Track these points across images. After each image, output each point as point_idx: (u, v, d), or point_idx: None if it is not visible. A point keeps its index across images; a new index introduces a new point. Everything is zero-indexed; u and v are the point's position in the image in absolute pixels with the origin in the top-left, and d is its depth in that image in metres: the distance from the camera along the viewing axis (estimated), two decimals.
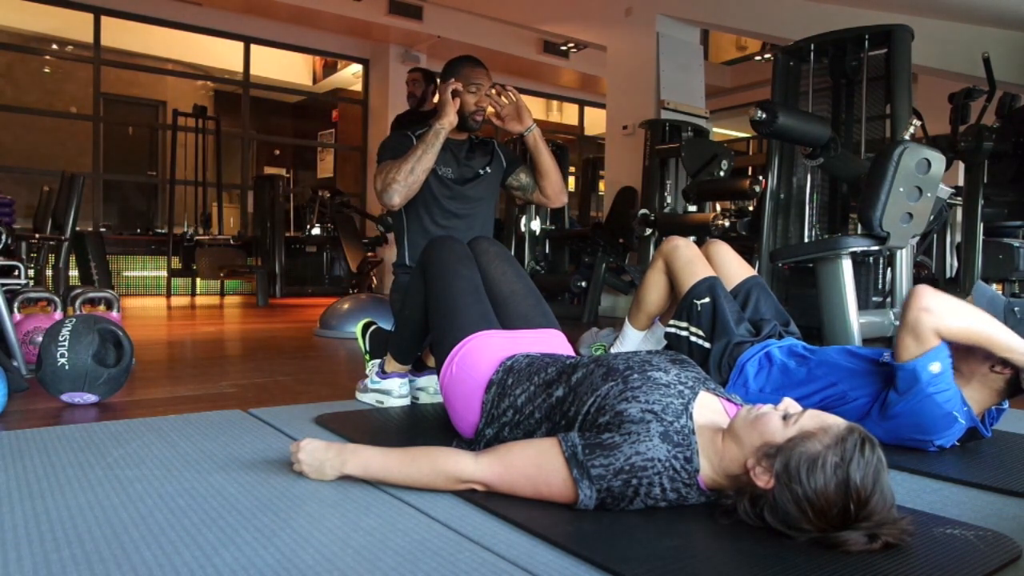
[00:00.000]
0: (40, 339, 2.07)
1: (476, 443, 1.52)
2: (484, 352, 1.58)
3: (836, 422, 1.10)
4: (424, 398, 2.16)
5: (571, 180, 9.39)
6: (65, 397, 2.04)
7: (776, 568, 0.99)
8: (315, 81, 10.58)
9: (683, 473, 1.17)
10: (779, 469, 1.07)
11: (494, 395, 1.50)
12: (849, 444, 1.04)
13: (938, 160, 2.68)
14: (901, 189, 2.62)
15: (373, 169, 2.34)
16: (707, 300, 1.94)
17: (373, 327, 2.29)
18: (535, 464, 1.22)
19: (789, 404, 1.17)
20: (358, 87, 9.56)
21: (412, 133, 2.32)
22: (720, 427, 1.21)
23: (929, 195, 2.70)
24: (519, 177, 2.45)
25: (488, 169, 2.37)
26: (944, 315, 1.52)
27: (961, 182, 4.51)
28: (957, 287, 4.14)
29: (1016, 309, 1.59)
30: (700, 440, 1.19)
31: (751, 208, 4.60)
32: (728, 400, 1.31)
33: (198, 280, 7.79)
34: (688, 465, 1.17)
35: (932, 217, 2.91)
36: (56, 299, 2.85)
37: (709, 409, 1.26)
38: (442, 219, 2.29)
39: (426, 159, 2.16)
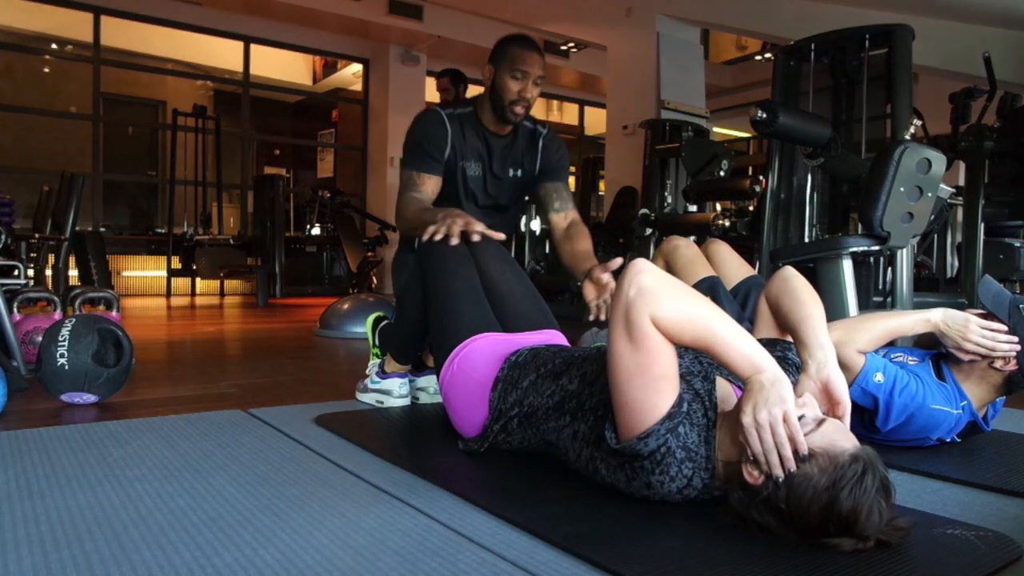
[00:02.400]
0: (40, 339, 2.07)
1: (483, 439, 1.52)
2: (485, 352, 1.58)
3: (844, 448, 1.05)
4: (424, 398, 2.15)
5: (571, 180, 9.39)
6: (65, 397, 2.04)
7: (776, 568, 0.99)
8: (315, 81, 10.58)
9: (702, 463, 1.17)
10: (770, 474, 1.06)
11: (501, 391, 1.50)
12: (849, 472, 1.01)
13: (939, 160, 2.67)
14: (902, 189, 2.62)
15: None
16: None
17: (384, 322, 2.26)
18: (649, 380, 1.13)
19: (806, 404, 1.12)
20: (358, 87, 9.56)
21: (445, 112, 2.12)
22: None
23: (930, 195, 2.70)
24: (545, 194, 2.22)
25: (519, 173, 2.25)
26: (853, 337, 1.59)
27: (962, 182, 4.50)
28: (957, 287, 4.14)
29: (1022, 306, 1.59)
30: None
31: (751, 208, 4.59)
32: (739, 388, 1.29)
33: (198, 280, 7.80)
34: (707, 463, 1.17)
35: (933, 217, 2.90)
36: (56, 299, 2.84)
37: (725, 397, 1.25)
38: None
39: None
